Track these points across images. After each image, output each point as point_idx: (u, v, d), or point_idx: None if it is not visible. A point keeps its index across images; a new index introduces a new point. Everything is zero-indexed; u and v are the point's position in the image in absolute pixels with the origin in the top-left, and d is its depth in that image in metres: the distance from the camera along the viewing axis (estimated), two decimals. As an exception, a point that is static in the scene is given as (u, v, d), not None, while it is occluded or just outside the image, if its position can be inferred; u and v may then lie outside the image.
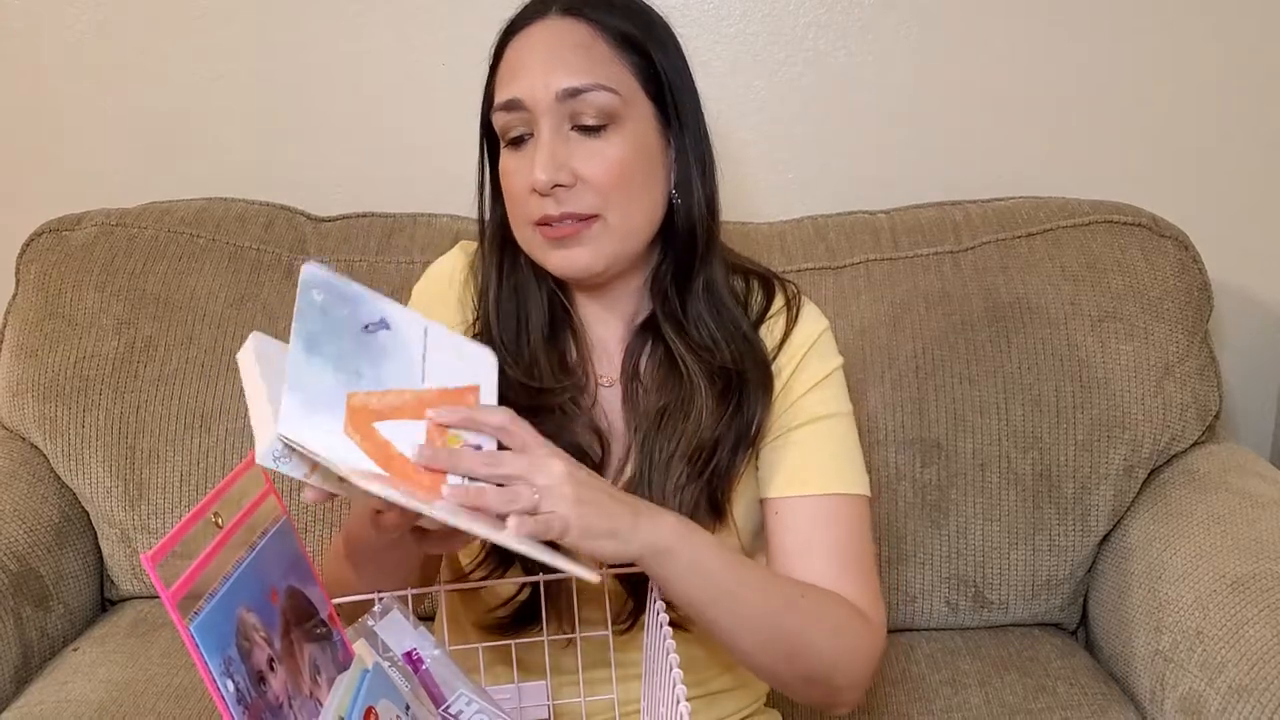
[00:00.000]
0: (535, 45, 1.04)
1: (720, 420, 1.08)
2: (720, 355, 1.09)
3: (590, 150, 1.02)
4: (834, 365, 1.15)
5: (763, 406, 1.10)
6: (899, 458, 1.55)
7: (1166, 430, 1.56)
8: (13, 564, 1.45)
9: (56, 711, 1.37)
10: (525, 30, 1.06)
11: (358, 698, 0.77)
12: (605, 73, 1.02)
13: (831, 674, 1.05)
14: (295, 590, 0.79)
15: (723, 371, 1.09)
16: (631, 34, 1.05)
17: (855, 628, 1.06)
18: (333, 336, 0.84)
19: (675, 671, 0.81)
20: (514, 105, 1.03)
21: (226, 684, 0.64)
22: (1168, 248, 1.59)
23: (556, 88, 1.01)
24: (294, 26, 1.79)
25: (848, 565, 1.09)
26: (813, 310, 1.17)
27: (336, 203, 1.76)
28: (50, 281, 1.63)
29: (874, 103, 1.79)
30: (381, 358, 0.86)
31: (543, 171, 1.00)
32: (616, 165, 1.02)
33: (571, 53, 1.03)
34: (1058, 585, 1.58)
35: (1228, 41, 1.76)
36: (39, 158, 1.85)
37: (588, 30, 1.04)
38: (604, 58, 1.03)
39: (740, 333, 1.11)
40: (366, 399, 0.84)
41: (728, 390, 1.09)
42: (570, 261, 1.04)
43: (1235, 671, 1.20)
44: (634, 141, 1.04)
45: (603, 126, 1.02)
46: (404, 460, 0.83)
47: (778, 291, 1.17)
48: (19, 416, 1.62)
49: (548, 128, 1.01)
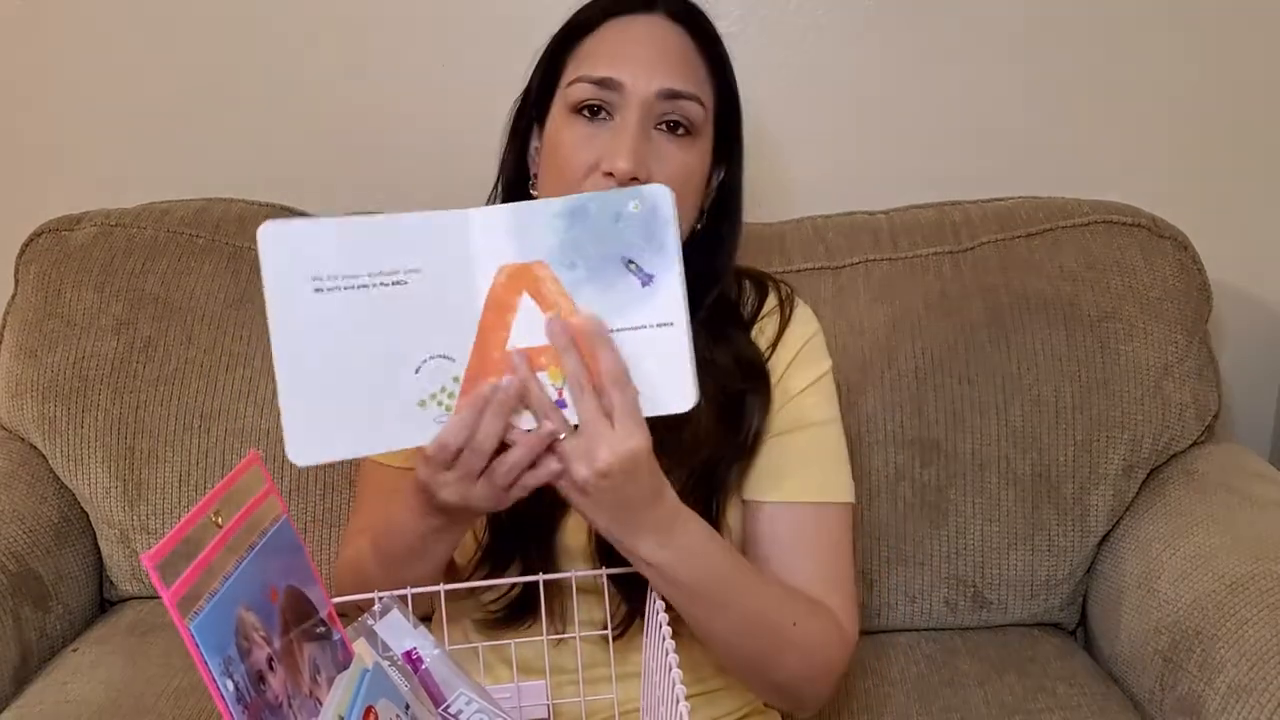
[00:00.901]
0: (643, 38, 1.07)
1: (720, 439, 1.09)
2: (718, 373, 1.10)
3: (668, 153, 1.05)
4: (825, 368, 1.17)
5: (760, 417, 1.12)
6: (898, 458, 1.55)
7: (1166, 430, 1.56)
8: (12, 564, 1.45)
9: (55, 712, 1.36)
10: (630, 18, 1.08)
11: (357, 697, 0.77)
12: (699, 86, 1.07)
13: (801, 688, 1.10)
14: (295, 590, 0.79)
15: (721, 390, 1.10)
16: (721, 55, 1.10)
17: (832, 647, 1.09)
18: (596, 236, 0.87)
19: (675, 671, 0.82)
20: (611, 84, 1.04)
21: (226, 684, 0.64)
22: (1167, 248, 1.59)
23: (660, 86, 1.04)
24: (293, 27, 1.79)
25: (829, 575, 1.11)
26: (805, 311, 1.19)
27: (336, 203, 1.76)
28: (49, 282, 1.63)
29: (873, 103, 1.79)
30: (605, 287, 0.87)
31: (627, 161, 1.01)
32: (685, 173, 1.05)
33: (678, 57, 1.07)
34: (1057, 585, 1.57)
35: (1228, 42, 1.76)
36: (38, 158, 1.85)
37: (691, 42, 1.08)
38: (699, 71, 1.08)
39: (739, 348, 1.13)
40: (547, 274, 0.86)
41: (727, 408, 1.10)
42: None
43: (1234, 672, 1.20)
44: (699, 156, 1.08)
45: (686, 134, 1.06)
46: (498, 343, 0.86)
47: (770, 291, 1.19)
48: (18, 417, 1.62)
49: (637, 119, 1.03)
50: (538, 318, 0.86)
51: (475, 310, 0.86)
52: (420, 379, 0.86)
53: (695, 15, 1.10)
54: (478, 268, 0.86)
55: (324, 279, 0.83)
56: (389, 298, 0.85)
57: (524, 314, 0.86)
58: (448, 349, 0.86)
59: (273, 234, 0.82)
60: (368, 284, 0.84)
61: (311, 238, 0.84)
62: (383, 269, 0.84)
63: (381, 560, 1.04)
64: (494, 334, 0.86)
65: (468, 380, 0.86)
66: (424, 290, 0.85)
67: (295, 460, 0.80)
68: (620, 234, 0.87)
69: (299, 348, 0.82)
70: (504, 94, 1.80)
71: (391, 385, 0.85)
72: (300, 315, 0.83)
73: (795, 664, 1.06)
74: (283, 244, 0.83)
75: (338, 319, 0.84)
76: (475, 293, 0.86)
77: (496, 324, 0.86)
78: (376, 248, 0.85)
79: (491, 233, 0.86)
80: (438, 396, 0.86)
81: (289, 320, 0.82)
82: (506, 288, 0.86)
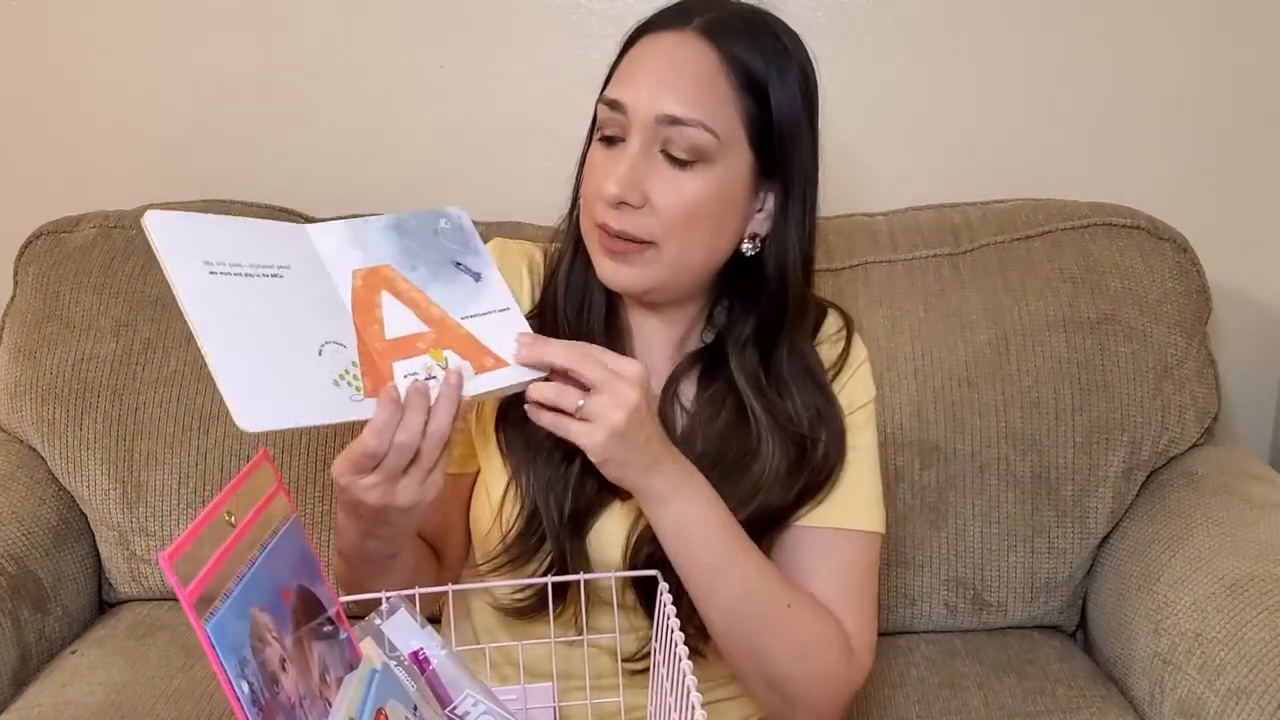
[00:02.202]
0: (658, 56, 1.03)
1: (791, 488, 1.08)
2: (800, 424, 1.09)
3: (669, 179, 1.01)
4: (872, 395, 1.16)
5: (837, 467, 1.10)
6: (898, 460, 1.55)
7: (1165, 432, 1.56)
8: (11, 566, 1.45)
9: (54, 714, 1.36)
10: (657, 35, 1.04)
11: (367, 698, 0.77)
12: (714, 112, 1.00)
13: (787, 686, 1.06)
14: (305, 589, 0.79)
15: (798, 440, 1.08)
16: (758, 74, 1.02)
17: (832, 653, 1.06)
18: (424, 245, 0.98)
19: (690, 678, 0.81)
20: (616, 106, 1.02)
21: (242, 685, 0.63)
22: (1166, 250, 1.59)
23: (659, 110, 1.00)
24: (293, 27, 1.78)
25: (848, 598, 1.09)
26: (858, 339, 1.18)
27: (335, 204, 1.75)
28: (48, 283, 1.63)
29: (873, 105, 1.80)
30: (447, 284, 0.97)
31: (614, 185, 1.00)
32: (690, 203, 1.01)
33: (690, 80, 1.01)
34: (1056, 588, 1.58)
35: (1227, 43, 1.77)
36: (37, 159, 1.85)
37: (716, 61, 1.01)
38: (719, 96, 1.01)
39: (822, 399, 1.11)
40: (397, 276, 0.95)
41: (802, 460, 1.08)
42: (616, 275, 1.05)
43: (1234, 674, 1.20)
44: (717, 184, 1.02)
45: (691, 162, 1.01)
46: (376, 335, 0.91)
47: (830, 314, 1.18)
48: (17, 419, 1.62)
49: (638, 143, 1.01)
50: (400, 310, 0.94)
51: (345, 305, 0.92)
52: (325, 360, 0.88)
53: (730, 32, 1.02)
54: (333, 270, 0.93)
55: (214, 264, 0.86)
56: (273, 287, 0.88)
57: (388, 309, 0.93)
58: (337, 336, 0.90)
59: (158, 220, 0.85)
60: (251, 274, 0.87)
61: (192, 229, 0.87)
62: (258, 262, 0.88)
63: (346, 568, 1.06)
64: (370, 329, 0.92)
65: (364, 372, 0.90)
66: (297, 285, 0.90)
67: (244, 426, 0.80)
68: (442, 244, 1.00)
69: (216, 322, 0.83)
70: (502, 95, 1.81)
71: (305, 364, 0.87)
72: (206, 292, 0.84)
73: (788, 654, 1.04)
74: (169, 229, 0.85)
75: (238, 299, 0.86)
76: (339, 290, 0.92)
77: (369, 320, 0.92)
78: (247, 245, 0.89)
79: (333, 243, 0.94)
80: (345, 378, 0.88)
81: (198, 297, 0.83)
82: (365, 288, 0.93)
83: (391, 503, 0.92)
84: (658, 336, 1.14)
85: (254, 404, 0.82)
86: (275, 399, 0.83)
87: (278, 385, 0.84)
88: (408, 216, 0.99)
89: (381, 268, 0.95)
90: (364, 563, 1.03)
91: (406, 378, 0.90)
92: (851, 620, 1.08)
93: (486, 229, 1.68)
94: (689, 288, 1.09)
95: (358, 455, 0.89)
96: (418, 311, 0.95)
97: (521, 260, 1.19)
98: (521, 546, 1.08)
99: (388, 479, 0.90)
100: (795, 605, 1.04)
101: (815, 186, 1.08)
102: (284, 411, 0.83)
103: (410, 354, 0.92)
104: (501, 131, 1.81)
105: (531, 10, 1.77)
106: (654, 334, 1.14)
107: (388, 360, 0.91)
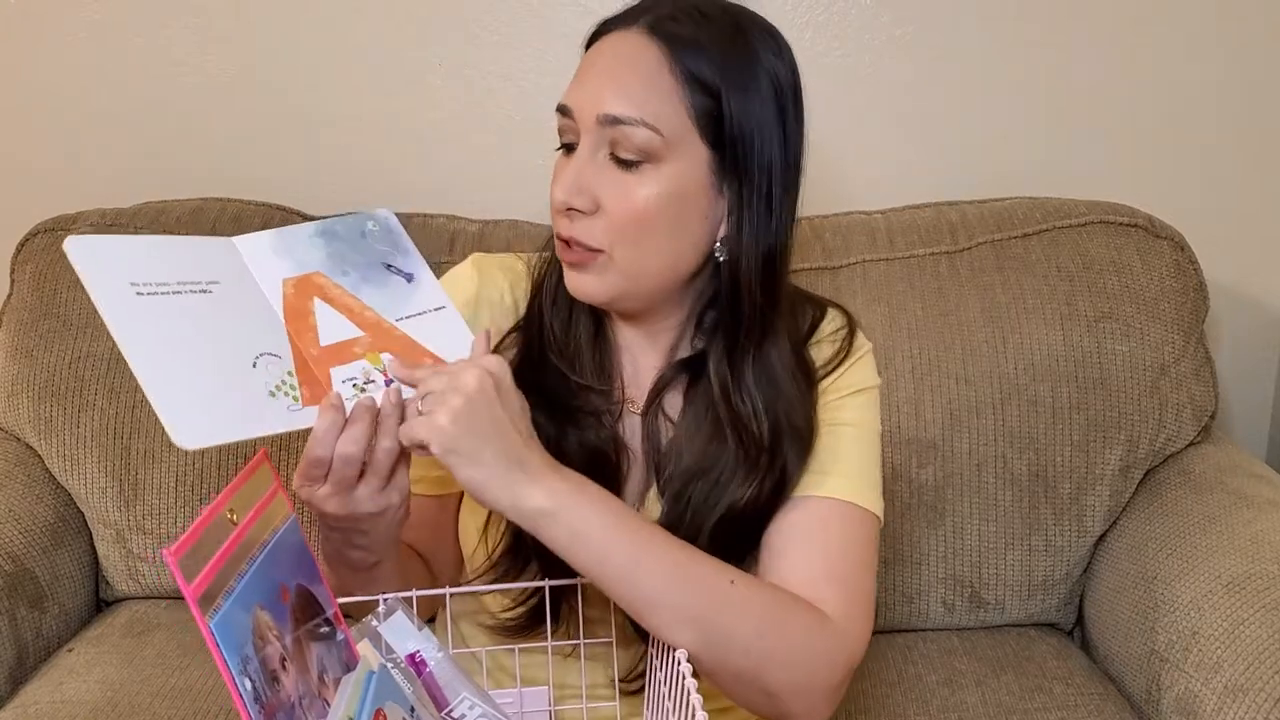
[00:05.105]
0: (603, 56, 1.00)
1: (754, 487, 1.02)
2: (760, 428, 1.03)
3: (617, 182, 0.97)
4: (873, 382, 1.11)
5: (799, 464, 1.04)
6: (895, 458, 1.55)
7: (1162, 431, 1.57)
8: (8, 565, 1.44)
9: (51, 712, 1.36)
10: (606, 36, 1.01)
11: (365, 700, 0.77)
12: (657, 108, 0.96)
13: (763, 676, 0.95)
14: (304, 589, 0.79)
15: (756, 443, 1.03)
16: (703, 73, 0.96)
17: (795, 622, 0.96)
18: (353, 249, 0.99)
19: (690, 680, 0.81)
20: (565, 111, 1.00)
21: (244, 683, 0.64)
22: (1164, 248, 1.60)
23: (600, 110, 0.96)
24: (291, 26, 1.78)
25: (831, 572, 1.00)
26: (861, 334, 1.14)
27: (332, 203, 1.75)
28: (45, 281, 1.63)
29: (870, 103, 1.80)
30: (378, 287, 0.98)
31: (561, 191, 0.98)
32: (638, 205, 0.97)
33: (631, 77, 0.96)
34: (1054, 585, 1.58)
35: (1225, 42, 1.77)
36: (34, 158, 1.84)
37: (658, 56, 0.96)
38: (663, 91, 0.96)
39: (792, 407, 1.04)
40: (328, 282, 0.96)
41: (759, 460, 1.03)
42: (578, 286, 1.02)
43: (1231, 671, 1.21)
44: (669, 184, 0.97)
45: (637, 162, 0.96)
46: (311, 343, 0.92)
47: (831, 313, 1.14)
48: (14, 417, 1.62)
49: (586, 146, 0.98)
50: (333, 316, 0.95)
51: (277, 315, 0.93)
52: (259, 372, 0.89)
53: (678, 25, 0.97)
54: (262, 281, 0.94)
55: (140, 285, 0.86)
56: (202, 303, 0.89)
57: (321, 316, 0.94)
58: (271, 348, 0.91)
59: (79, 245, 0.84)
60: (180, 290, 0.88)
61: (116, 251, 0.87)
62: (185, 280, 0.89)
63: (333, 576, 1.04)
64: (304, 337, 0.93)
65: (302, 381, 0.91)
66: (227, 298, 0.91)
67: (181, 444, 0.80)
68: (371, 246, 1.01)
69: (145, 343, 0.83)
70: (499, 95, 1.81)
71: (239, 377, 0.87)
72: (133, 314, 0.84)
73: (751, 631, 0.94)
74: (92, 254, 0.85)
75: (167, 318, 0.86)
76: (270, 301, 0.93)
77: (303, 328, 0.93)
78: (173, 263, 0.89)
79: (261, 254, 0.95)
80: (281, 388, 0.89)
81: (124, 320, 0.83)
82: (297, 296, 0.94)
83: (355, 510, 0.91)
84: (645, 347, 1.10)
85: (189, 421, 0.82)
86: (211, 414, 0.84)
87: (212, 401, 0.84)
88: (334, 221, 1.00)
89: (312, 275, 0.96)
90: (349, 572, 1.02)
91: (345, 383, 0.91)
92: (835, 590, 0.99)
93: (486, 229, 1.70)
94: (657, 295, 1.04)
95: (305, 464, 0.89)
96: (351, 316, 0.96)
97: (503, 278, 1.14)
98: (508, 564, 1.07)
99: (341, 489, 0.90)
100: (739, 580, 0.96)
101: (789, 183, 1.02)
102: (221, 426, 0.84)
103: (347, 359, 0.93)
104: (501, 131, 1.81)
105: (532, 10, 1.77)
106: (642, 345, 1.11)
107: (324, 367, 0.92)
